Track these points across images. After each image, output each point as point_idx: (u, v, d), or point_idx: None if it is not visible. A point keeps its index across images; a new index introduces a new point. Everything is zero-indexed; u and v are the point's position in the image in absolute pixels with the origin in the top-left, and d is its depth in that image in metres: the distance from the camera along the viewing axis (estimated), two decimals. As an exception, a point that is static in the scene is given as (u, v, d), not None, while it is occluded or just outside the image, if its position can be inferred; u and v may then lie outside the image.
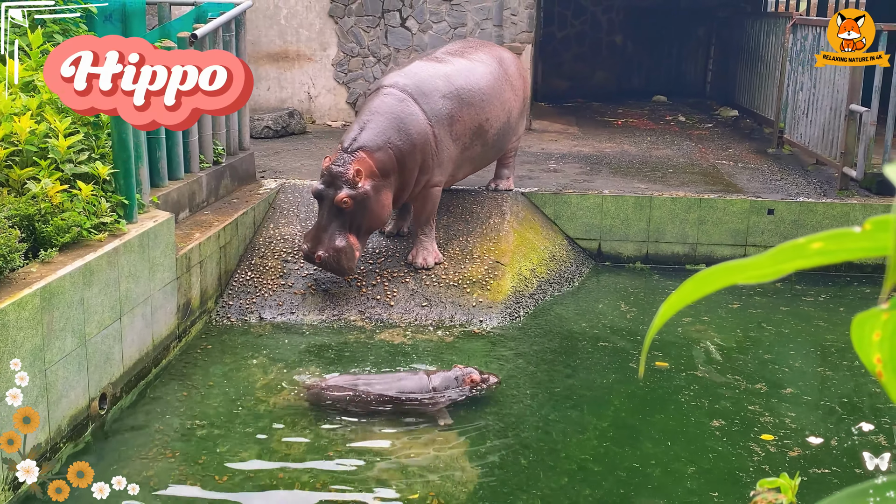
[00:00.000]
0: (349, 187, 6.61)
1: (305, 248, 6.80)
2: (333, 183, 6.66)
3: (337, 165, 6.68)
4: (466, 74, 7.55)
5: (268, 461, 4.96)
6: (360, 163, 6.69)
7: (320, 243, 6.72)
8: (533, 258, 7.97)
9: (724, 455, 5.18)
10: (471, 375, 5.65)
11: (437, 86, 7.26)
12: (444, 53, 7.83)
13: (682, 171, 9.92)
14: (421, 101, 7.10)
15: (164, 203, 6.63)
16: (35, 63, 5.90)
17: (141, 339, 5.78)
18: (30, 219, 4.97)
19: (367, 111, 7.04)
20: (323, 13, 12.19)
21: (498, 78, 7.87)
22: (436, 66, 7.48)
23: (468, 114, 7.43)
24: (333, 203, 6.64)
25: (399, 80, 7.21)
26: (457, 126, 7.33)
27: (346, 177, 6.63)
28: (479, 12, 12.01)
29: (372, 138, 6.81)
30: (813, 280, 8.26)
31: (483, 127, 7.62)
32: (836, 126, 9.17)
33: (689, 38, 16.94)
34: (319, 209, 6.86)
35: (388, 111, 6.96)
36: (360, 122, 6.96)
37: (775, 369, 6.46)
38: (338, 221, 6.70)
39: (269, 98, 12.40)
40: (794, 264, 0.78)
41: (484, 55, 8.00)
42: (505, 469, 4.97)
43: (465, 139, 7.46)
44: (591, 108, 15.05)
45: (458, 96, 7.35)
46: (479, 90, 7.58)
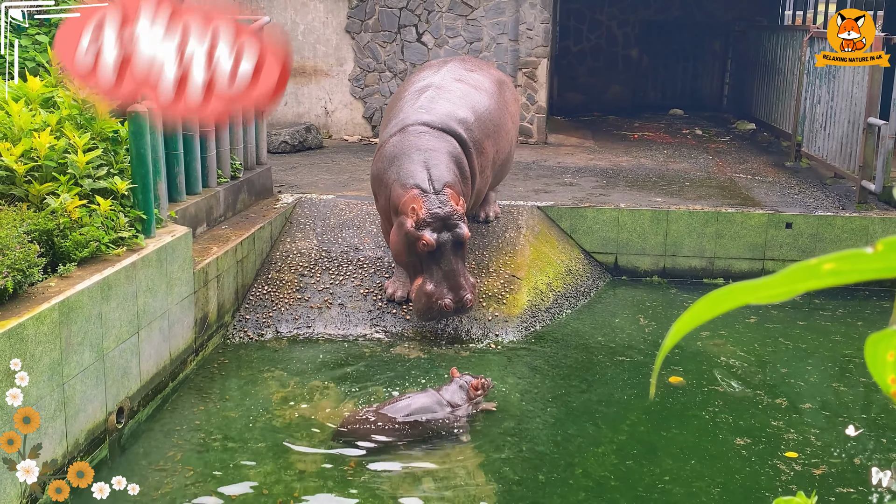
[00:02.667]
0: (464, 222, 6.43)
1: (449, 301, 6.41)
2: (446, 225, 6.36)
3: (439, 208, 6.37)
4: (475, 102, 7.33)
5: (284, 475, 4.96)
6: (454, 197, 6.48)
7: (462, 288, 6.45)
8: (549, 272, 7.96)
9: (747, 473, 5.12)
10: (471, 382, 5.62)
11: (462, 117, 7.08)
12: (453, 75, 7.56)
13: (699, 184, 9.89)
14: (457, 136, 6.96)
15: (181, 217, 6.67)
16: (54, 79, 5.97)
17: (158, 353, 5.80)
18: (49, 233, 5.01)
19: (417, 149, 6.73)
20: (340, 29, 12.27)
21: (501, 106, 7.69)
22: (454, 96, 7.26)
23: (487, 145, 7.31)
24: (455, 244, 6.38)
25: (422, 116, 6.99)
26: (482, 158, 7.22)
27: (458, 212, 6.39)
28: (494, 27, 12.05)
29: (445, 174, 6.62)
30: (831, 294, 8.20)
31: (494, 159, 7.50)
32: (854, 139, 9.12)
33: (706, 51, 16.92)
34: (437, 258, 6.41)
35: (436, 147, 6.75)
36: (418, 162, 6.64)
37: (794, 384, 6.41)
38: (461, 261, 6.51)
39: (287, 113, 12.48)
40: (806, 285, 0.78)
41: (484, 79, 7.74)
42: (521, 484, 4.95)
43: (487, 171, 7.37)
44: (606, 121, 15.04)
45: (479, 128, 7.21)
46: (491, 120, 7.41)
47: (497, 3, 12.01)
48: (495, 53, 12.09)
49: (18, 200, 5.23)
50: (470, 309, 6.59)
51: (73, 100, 5.63)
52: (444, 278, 6.41)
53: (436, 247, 6.31)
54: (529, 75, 12.07)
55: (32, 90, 5.66)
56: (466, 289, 6.45)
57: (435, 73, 7.65)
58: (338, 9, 12.23)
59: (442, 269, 6.40)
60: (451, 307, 6.44)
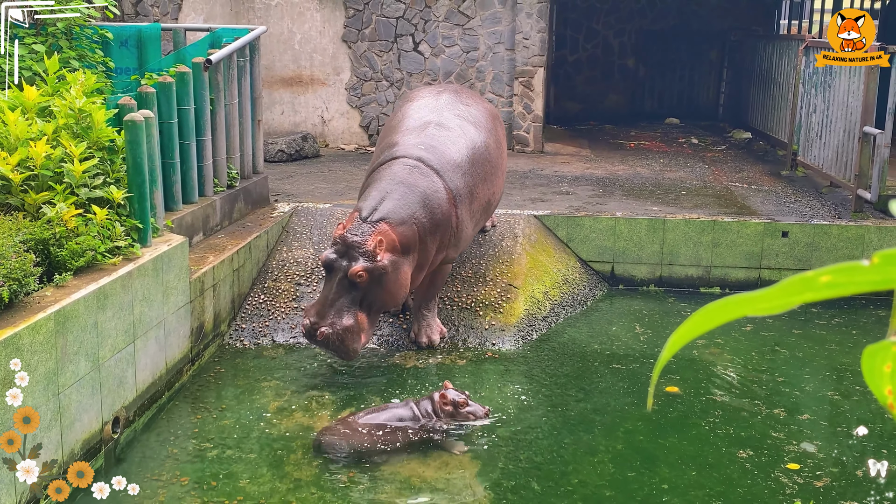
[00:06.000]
0: (366, 260, 5.94)
1: (307, 322, 6.01)
2: (348, 253, 5.98)
3: (354, 234, 6.01)
4: (476, 144, 6.95)
5: (280, 484, 4.95)
6: (381, 234, 6.03)
7: (324, 318, 5.96)
8: (546, 281, 7.96)
9: (747, 484, 5.11)
10: (439, 395, 5.59)
11: (459, 162, 6.69)
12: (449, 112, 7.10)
13: (695, 193, 9.91)
14: (446, 178, 6.53)
15: (178, 227, 6.67)
16: (51, 88, 5.97)
17: (154, 362, 5.79)
18: (45, 243, 5.00)
19: (388, 179, 6.39)
20: (336, 38, 12.29)
21: (497, 143, 7.33)
22: (450, 136, 6.84)
23: (482, 190, 6.92)
24: (346, 276, 5.94)
25: (422, 154, 6.58)
26: (475, 204, 6.82)
27: (364, 248, 5.95)
28: (491, 36, 12.08)
29: (395, 209, 6.19)
30: (827, 303, 8.20)
31: (490, 201, 7.16)
32: (849, 148, 9.14)
33: (702, 60, 16.97)
34: (326, 281, 6.13)
35: (414, 183, 6.36)
36: (379, 189, 6.32)
37: (791, 393, 6.41)
38: (348, 297, 5.98)
39: (283, 122, 12.49)
40: (802, 297, 0.78)
41: (480, 115, 7.32)
42: (517, 493, 4.94)
43: (478, 215, 6.98)
44: (603, 130, 15.07)
45: (475, 172, 6.81)
46: (490, 162, 7.04)
47: (493, 12, 12.04)
48: (491, 63, 12.12)
49: (14, 209, 5.22)
50: (327, 345, 6.00)
51: (69, 109, 5.63)
52: (318, 301, 6.14)
53: (325, 267, 6.10)
54: (526, 84, 12.09)
55: (29, 99, 5.66)
56: (327, 321, 5.93)
57: (434, 106, 7.20)
58: (334, 18, 12.25)
59: (323, 292, 6.13)
60: (303, 330, 6.09)
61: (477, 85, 12.14)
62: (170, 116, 6.76)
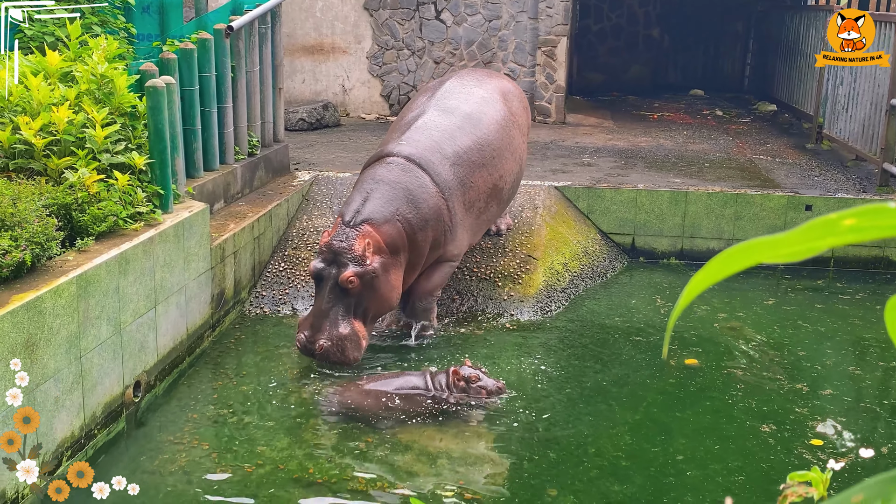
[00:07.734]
0: (355, 265, 5.76)
1: (303, 337, 5.83)
2: (336, 260, 5.80)
3: (339, 240, 5.82)
4: (474, 129, 6.66)
5: (298, 450, 4.99)
6: (366, 237, 5.85)
7: (320, 331, 5.77)
8: (565, 252, 7.93)
9: (766, 456, 5.09)
10: (452, 370, 5.60)
11: (446, 151, 6.42)
12: (446, 100, 6.85)
13: (718, 165, 9.81)
14: (431, 171, 6.28)
15: (199, 194, 6.69)
16: (73, 54, 5.97)
17: (175, 328, 5.83)
18: (67, 208, 5.03)
19: (368, 180, 6.21)
20: (358, 6, 12.21)
21: (506, 123, 6.97)
22: (439, 126, 6.58)
23: (481, 177, 6.60)
24: (336, 283, 5.77)
25: (403, 148, 6.35)
26: (470, 193, 6.51)
27: (351, 253, 5.78)
28: (514, 4, 11.95)
29: (377, 209, 6.00)
30: (852, 277, 8.13)
31: (498, 185, 6.79)
32: (876, 121, 9.00)
33: (727, 32, 16.73)
34: (317, 292, 5.92)
35: (395, 180, 6.15)
36: (361, 191, 6.13)
37: (813, 368, 6.36)
38: (341, 305, 5.80)
39: (304, 90, 12.45)
40: (825, 242, 0.75)
41: (486, 93, 7.05)
42: (534, 462, 4.96)
43: (480, 204, 6.65)
44: (626, 101, 14.92)
45: (468, 160, 6.51)
46: (490, 145, 6.71)
47: (517, -20, 11.90)
48: (514, 31, 12.00)
49: (37, 174, 5.25)
50: (327, 357, 5.79)
51: (91, 74, 5.64)
52: (310, 313, 5.97)
53: (314, 278, 5.93)
54: (549, 54, 11.97)
55: (51, 65, 5.66)
56: (324, 333, 5.76)
57: (430, 98, 6.95)
58: (356, -14, 12.16)
59: (315, 304, 5.97)
60: (298, 345, 5.92)
61: (499, 54, 12.04)
62: (191, 83, 6.75)
